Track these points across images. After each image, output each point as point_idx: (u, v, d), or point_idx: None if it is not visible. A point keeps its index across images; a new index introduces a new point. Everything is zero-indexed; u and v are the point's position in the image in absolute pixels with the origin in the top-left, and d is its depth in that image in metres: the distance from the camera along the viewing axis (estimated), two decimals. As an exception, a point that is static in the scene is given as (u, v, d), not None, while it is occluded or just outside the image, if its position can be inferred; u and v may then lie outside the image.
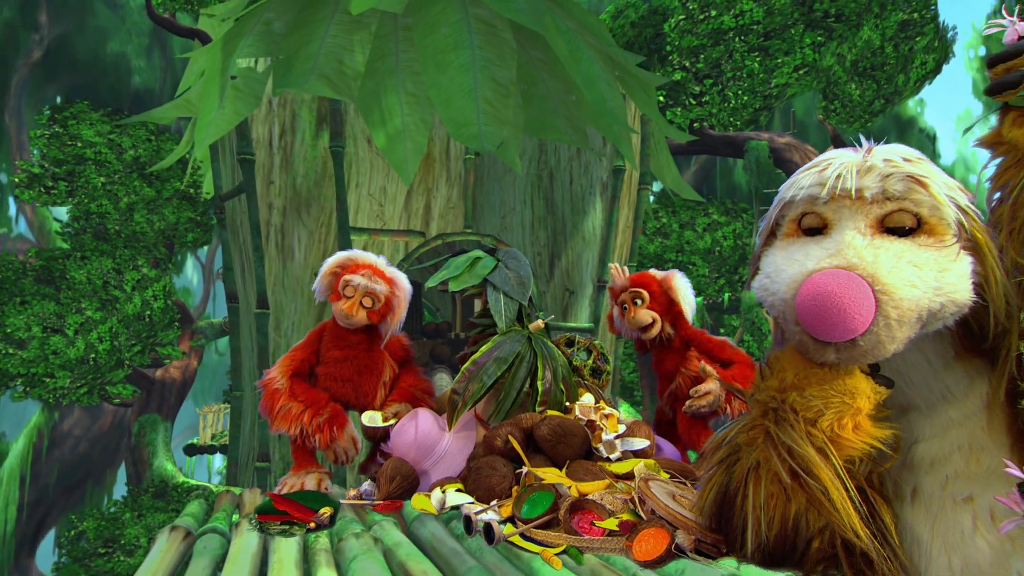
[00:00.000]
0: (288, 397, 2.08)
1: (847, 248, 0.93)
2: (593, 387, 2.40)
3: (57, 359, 4.46)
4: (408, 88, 4.22)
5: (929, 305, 0.90)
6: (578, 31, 4.71)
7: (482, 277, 2.27)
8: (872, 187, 0.95)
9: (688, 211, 8.86)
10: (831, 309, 0.88)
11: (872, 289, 0.88)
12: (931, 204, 0.94)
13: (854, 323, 0.88)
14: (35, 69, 12.03)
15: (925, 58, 7.95)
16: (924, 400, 1.04)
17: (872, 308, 0.88)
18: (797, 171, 1.04)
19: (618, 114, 4.46)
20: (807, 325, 0.91)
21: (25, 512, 10.00)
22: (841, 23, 7.99)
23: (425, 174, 4.84)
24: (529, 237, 5.25)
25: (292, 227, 4.84)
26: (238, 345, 5.52)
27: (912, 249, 0.92)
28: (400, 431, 2.07)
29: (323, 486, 2.18)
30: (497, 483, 1.82)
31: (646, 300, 2.23)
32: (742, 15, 8.00)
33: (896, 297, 0.89)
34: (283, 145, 4.84)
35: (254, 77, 4.48)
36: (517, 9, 4.31)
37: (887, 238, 0.94)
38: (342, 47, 4.24)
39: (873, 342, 0.90)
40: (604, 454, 1.93)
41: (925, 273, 0.91)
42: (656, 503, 1.49)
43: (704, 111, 8.41)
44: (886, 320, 0.88)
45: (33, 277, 4.69)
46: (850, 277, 0.89)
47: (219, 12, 5.44)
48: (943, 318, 0.93)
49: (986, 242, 0.97)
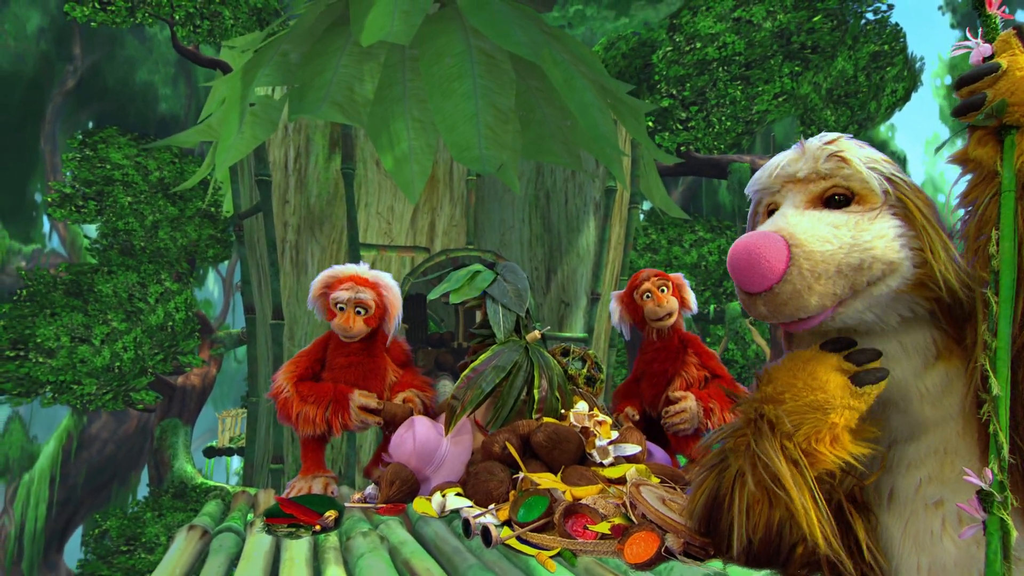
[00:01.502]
0: (300, 402, 2.05)
1: (779, 217, 0.97)
2: (587, 395, 2.36)
3: (84, 367, 4.43)
4: (414, 114, 4.23)
5: (847, 259, 0.91)
6: (573, 62, 4.73)
7: (481, 290, 2.24)
8: (804, 169, 0.99)
9: (676, 228, 8.87)
10: (746, 259, 0.92)
11: (787, 244, 0.91)
12: (858, 177, 0.97)
13: (766, 270, 0.90)
14: (68, 97, 12.15)
15: (895, 86, 8.00)
16: (902, 397, 1.02)
17: (784, 258, 0.91)
18: (763, 169, 1.08)
19: (610, 138, 4.46)
20: (735, 280, 0.95)
21: (54, 510, 9.92)
22: (817, 54, 8.05)
23: (430, 194, 4.84)
24: (527, 253, 5.23)
25: (306, 243, 4.83)
26: (255, 354, 5.49)
27: (836, 215, 0.95)
28: (399, 442, 2.03)
29: (329, 490, 2.14)
30: (495, 488, 1.79)
31: (671, 290, 2.18)
32: (725, 47, 8.06)
33: (807, 249, 0.91)
34: (298, 167, 4.84)
35: (271, 104, 4.49)
36: (516, 42, 4.33)
37: (821, 209, 0.97)
38: (353, 76, 4.25)
39: (790, 291, 0.91)
40: (597, 459, 1.90)
41: (842, 232, 0.93)
42: (647, 508, 1.45)
43: (690, 135, 8.45)
44: (799, 270, 0.91)
45: (63, 290, 4.67)
46: (766, 234, 0.93)
47: (239, 44, 5.47)
48: (875, 276, 0.93)
49: (913, 203, 0.97)
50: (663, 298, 2.16)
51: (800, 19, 8.05)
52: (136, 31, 12.43)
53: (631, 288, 2.24)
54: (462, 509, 1.80)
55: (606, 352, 5.64)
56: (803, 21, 8.05)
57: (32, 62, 11.81)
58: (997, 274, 0.94)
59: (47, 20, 11.71)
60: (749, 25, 8.09)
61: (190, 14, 5.31)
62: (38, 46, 11.75)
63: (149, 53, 12.59)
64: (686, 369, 2.15)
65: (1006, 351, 0.91)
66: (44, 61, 11.78)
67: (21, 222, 11.99)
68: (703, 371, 2.16)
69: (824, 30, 7.95)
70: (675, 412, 2.04)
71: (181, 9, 5.24)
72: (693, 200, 13.52)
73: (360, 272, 2.15)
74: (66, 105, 12.10)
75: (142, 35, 12.40)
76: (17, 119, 11.84)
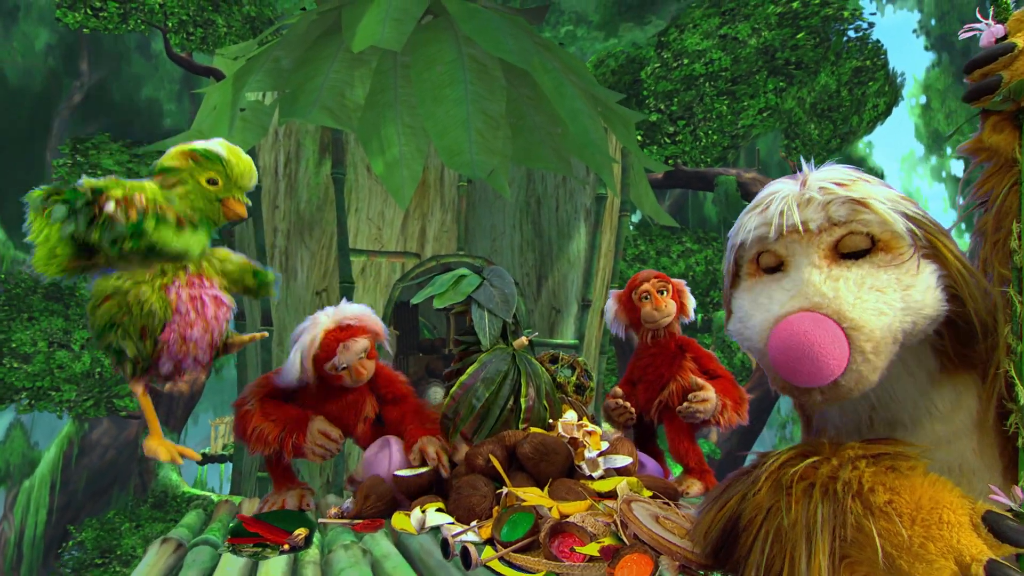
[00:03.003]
0: (260, 418, 1.83)
1: (806, 287, 0.81)
2: (576, 403, 2.19)
3: (62, 373, 4.20)
4: (405, 120, 4.08)
5: (901, 327, 0.79)
6: (563, 71, 4.61)
7: (466, 295, 2.07)
8: (815, 218, 0.83)
9: (664, 239, 8.81)
10: (804, 358, 0.77)
11: (841, 328, 0.77)
12: (879, 221, 0.82)
13: (830, 368, 0.77)
14: (75, 111, 12.10)
15: (877, 101, 7.97)
16: (910, 417, 0.90)
17: (845, 348, 0.77)
18: (743, 212, 0.91)
19: (600, 145, 4.34)
20: (785, 376, 0.80)
21: (55, 516, 9.64)
22: (801, 70, 8.02)
23: (420, 200, 4.68)
24: (518, 259, 5.08)
25: (295, 249, 4.66)
26: (244, 361, 5.29)
27: (872, 273, 0.80)
28: (373, 463, 1.85)
29: (304, 502, 1.95)
30: (477, 503, 1.61)
31: (670, 292, 2.04)
32: (711, 63, 8.05)
33: (867, 330, 0.77)
34: (288, 172, 4.68)
35: (262, 109, 4.34)
36: (507, 50, 4.21)
37: (844, 264, 0.82)
38: (344, 82, 4.10)
39: (855, 379, 0.78)
40: (587, 472, 1.73)
41: (890, 296, 0.78)
42: (639, 527, 1.28)
43: (678, 149, 8.40)
44: (863, 356, 0.77)
45: (42, 294, 4.44)
46: (816, 320, 0.77)
47: (232, 52, 5.32)
48: (919, 333, 0.81)
49: (944, 244, 0.84)
50: (661, 301, 2.02)
51: (784, 36, 8.05)
52: (142, 49, 12.40)
53: (630, 288, 2.10)
54: (443, 526, 1.62)
55: (596, 359, 5.48)
56: (787, 38, 8.04)
57: (40, 78, 11.82)
58: (1021, 271, 0.82)
59: (55, 37, 11.71)
60: (735, 42, 8.08)
61: (183, 22, 5.17)
62: (46, 62, 11.78)
63: (155, 70, 12.60)
64: (682, 374, 2.00)
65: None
66: (52, 77, 11.79)
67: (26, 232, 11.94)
68: (700, 375, 2.01)
69: (807, 47, 7.93)
70: (701, 399, 1.90)
71: (174, 17, 5.10)
72: (680, 212, 13.49)
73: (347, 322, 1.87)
74: (72, 119, 12.07)
75: (148, 52, 12.38)
76: (24, 133, 11.79)
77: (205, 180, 1.61)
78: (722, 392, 1.96)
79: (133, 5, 4.95)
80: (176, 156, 1.62)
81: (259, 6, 5.48)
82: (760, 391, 7.28)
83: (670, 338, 2.05)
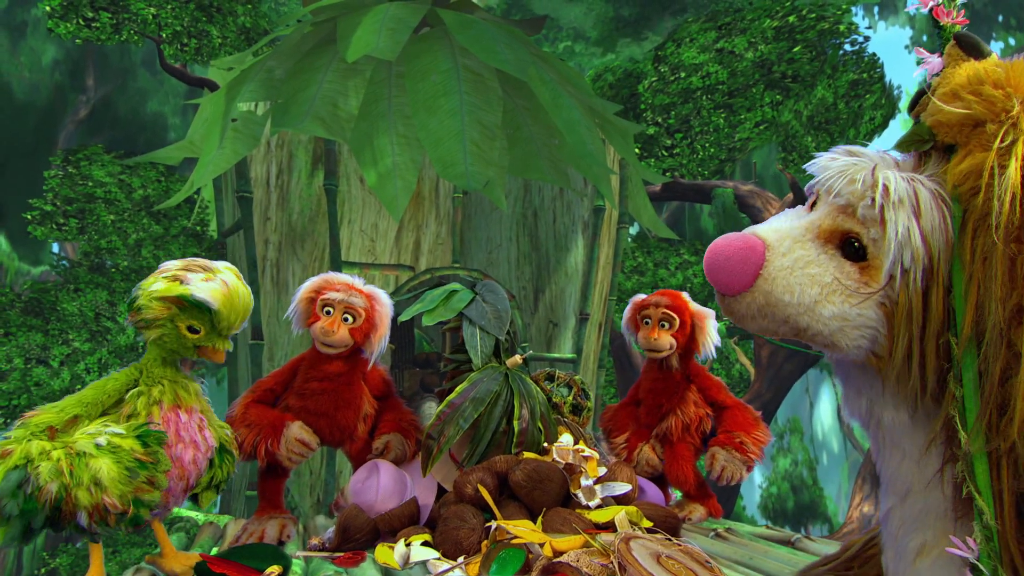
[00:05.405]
0: (238, 423, 1.74)
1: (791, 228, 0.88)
2: (573, 424, 2.07)
3: (40, 390, 4.05)
4: (399, 130, 3.99)
5: (799, 305, 0.83)
6: (560, 82, 4.54)
7: (458, 311, 1.95)
8: (845, 195, 0.86)
9: (661, 251, 8.73)
10: (719, 261, 0.89)
11: (757, 267, 0.84)
12: (883, 251, 0.84)
13: (731, 280, 0.86)
14: (80, 125, 12.18)
15: (873, 114, 7.93)
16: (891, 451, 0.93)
17: (754, 269, 0.84)
18: (837, 158, 0.91)
19: (598, 156, 4.25)
20: (709, 278, 0.91)
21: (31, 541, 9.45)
22: (797, 83, 8.00)
23: (415, 211, 4.57)
24: (515, 272, 4.96)
25: (287, 261, 4.54)
26: (235, 375, 5.14)
27: (833, 266, 0.83)
28: (361, 488, 1.73)
29: (285, 534, 1.82)
30: (465, 536, 1.48)
31: (674, 327, 1.91)
32: (708, 76, 8.04)
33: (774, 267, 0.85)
34: (280, 183, 4.57)
35: (253, 119, 4.25)
36: (503, 60, 4.13)
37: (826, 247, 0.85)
38: (337, 91, 4.02)
39: (745, 304, 0.87)
40: (583, 501, 1.60)
41: (811, 290, 0.82)
42: (638, 571, 1.15)
43: (675, 162, 8.34)
44: (763, 291, 0.84)
45: (20, 309, 4.30)
46: (744, 238, 0.86)
47: (226, 63, 5.25)
48: (814, 341, 0.84)
49: (905, 313, 0.81)
50: (654, 333, 1.90)
51: (781, 49, 8.04)
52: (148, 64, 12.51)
53: (640, 307, 1.99)
54: (428, 561, 1.49)
55: (595, 373, 5.35)
56: (784, 51, 8.03)
57: (46, 92, 11.94)
58: (953, 313, 0.79)
59: (62, 53, 11.80)
60: (732, 56, 8.07)
61: (177, 32, 5.10)
62: (52, 77, 11.90)
63: (160, 85, 12.72)
64: (683, 407, 1.89)
65: (974, 400, 0.75)
66: (58, 91, 11.90)
67: (30, 244, 11.84)
68: (703, 409, 1.89)
69: (804, 60, 7.92)
70: (718, 475, 1.82)
71: (168, 28, 5.03)
72: (677, 225, 13.44)
73: (356, 282, 1.95)
74: (78, 133, 12.12)
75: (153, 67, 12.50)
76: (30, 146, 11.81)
77: (186, 327, 1.40)
78: (732, 424, 1.84)
79: (126, 16, 4.88)
80: (159, 305, 1.37)
81: (254, 17, 5.43)
82: (759, 403, 7.15)
83: (674, 370, 1.94)
